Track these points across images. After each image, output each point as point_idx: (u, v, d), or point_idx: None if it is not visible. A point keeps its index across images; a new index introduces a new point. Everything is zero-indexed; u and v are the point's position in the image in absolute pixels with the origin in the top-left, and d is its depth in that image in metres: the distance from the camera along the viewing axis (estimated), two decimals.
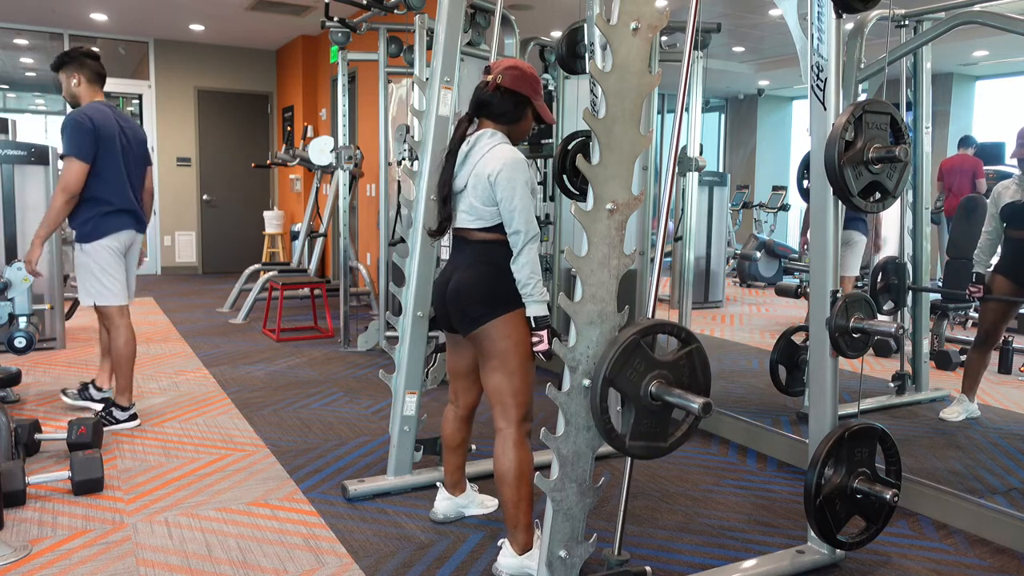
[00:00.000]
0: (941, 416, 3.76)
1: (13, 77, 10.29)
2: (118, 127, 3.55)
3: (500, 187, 2.18)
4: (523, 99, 2.29)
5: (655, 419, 1.96)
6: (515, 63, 2.32)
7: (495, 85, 2.26)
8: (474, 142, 2.29)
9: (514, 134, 2.34)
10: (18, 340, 3.57)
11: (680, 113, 2.26)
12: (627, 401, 1.94)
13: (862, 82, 3.73)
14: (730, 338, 5.96)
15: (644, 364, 1.93)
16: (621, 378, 1.90)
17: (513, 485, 2.22)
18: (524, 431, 2.26)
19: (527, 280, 2.17)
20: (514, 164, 2.19)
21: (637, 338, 1.91)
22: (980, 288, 3.62)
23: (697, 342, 1.99)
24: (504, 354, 2.23)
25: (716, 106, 9.16)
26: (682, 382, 1.97)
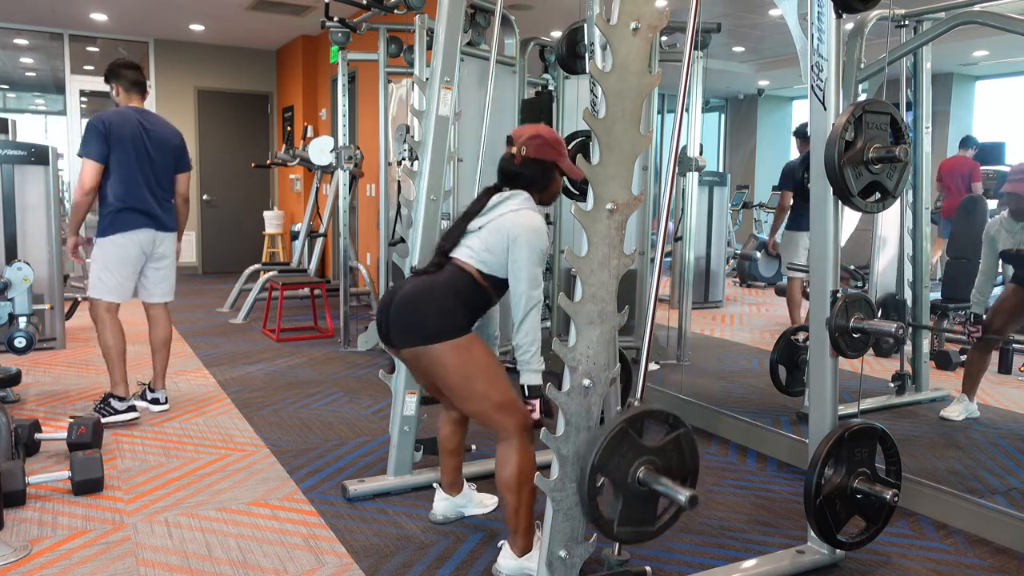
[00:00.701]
0: (941, 415, 3.76)
1: (13, 77, 10.29)
2: (140, 131, 3.68)
3: (517, 248, 2.20)
4: (550, 165, 2.32)
5: (643, 505, 1.96)
6: (536, 131, 2.32)
7: (520, 157, 2.29)
8: (508, 196, 2.30)
9: (545, 198, 2.38)
10: (18, 340, 3.57)
11: (680, 113, 2.26)
12: (616, 487, 1.93)
13: (862, 82, 3.73)
14: (730, 338, 5.96)
15: (632, 451, 1.92)
16: (610, 465, 1.90)
17: (516, 491, 2.21)
18: (526, 437, 2.25)
19: (528, 347, 2.19)
20: (536, 233, 2.22)
21: (625, 426, 1.90)
22: (979, 329, 3.62)
23: (685, 427, 1.99)
24: (467, 380, 2.22)
25: (716, 106, 9.15)
26: (670, 467, 1.96)
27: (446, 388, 2.29)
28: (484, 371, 2.22)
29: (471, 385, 2.22)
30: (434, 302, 2.22)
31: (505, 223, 2.24)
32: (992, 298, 3.75)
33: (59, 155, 5.94)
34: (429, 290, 2.25)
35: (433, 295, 2.23)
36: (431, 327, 2.20)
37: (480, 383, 2.22)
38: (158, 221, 3.75)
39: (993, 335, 3.62)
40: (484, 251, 2.27)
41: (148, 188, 3.69)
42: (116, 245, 3.64)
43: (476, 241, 2.29)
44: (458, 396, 2.29)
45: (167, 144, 3.79)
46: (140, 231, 3.68)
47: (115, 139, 3.60)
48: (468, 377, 2.21)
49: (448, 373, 2.22)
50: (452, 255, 2.32)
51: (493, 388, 2.22)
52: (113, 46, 9.30)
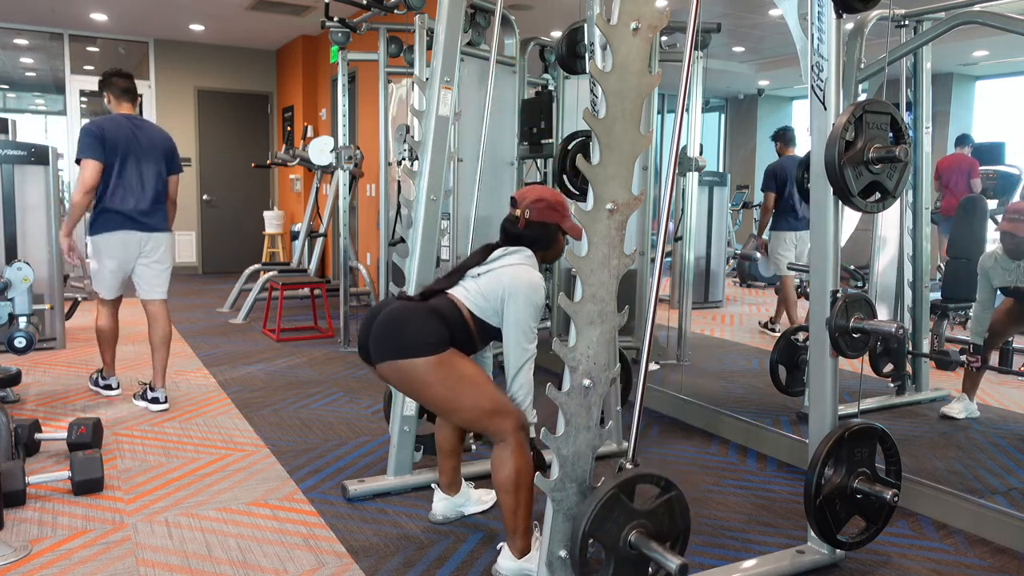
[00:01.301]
0: (943, 412, 3.77)
1: (13, 77, 10.29)
2: (130, 136, 3.86)
3: (514, 301, 2.23)
4: (552, 227, 2.35)
5: (634, 568, 1.95)
6: (539, 195, 2.35)
7: (525, 221, 2.32)
8: (512, 251, 2.33)
9: (548, 257, 2.42)
10: (18, 340, 3.57)
11: (680, 113, 2.26)
12: (607, 551, 1.92)
13: (862, 82, 3.73)
14: (730, 338, 5.96)
15: (623, 515, 1.91)
16: (602, 531, 1.89)
17: (513, 493, 2.21)
18: (521, 438, 2.24)
19: (521, 401, 2.22)
20: (533, 290, 2.24)
21: (617, 492, 1.89)
22: (978, 359, 3.62)
23: (676, 490, 1.99)
24: (452, 393, 2.22)
25: (716, 106, 9.15)
26: (662, 530, 1.96)
27: (432, 403, 2.30)
28: (468, 381, 2.22)
29: (458, 398, 2.22)
30: (417, 319, 2.23)
31: (504, 276, 2.27)
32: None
33: (59, 155, 5.93)
34: (414, 309, 2.26)
35: (418, 314, 2.25)
36: (409, 342, 2.20)
37: (467, 395, 2.22)
38: (143, 223, 3.88)
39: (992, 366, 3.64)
40: (479, 295, 2.29)
41: (136, 191, 3.86)
42: (97, 243, 3.84)
43: (473, 284, 2.32)
44: (446, 410, 2.31)
45: (156, 148, 3.93)
46: (123, 232, 3.84)
47: (109, 143, 3.78)
48: (453, 390, 2.21)
49: (431, 388, 2.22)
50: (448, 292, 2.34)
51: (481, 396, 2.22)
52: (113, 46, 9.30)
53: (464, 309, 2.30)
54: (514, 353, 2.23)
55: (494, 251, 2.37)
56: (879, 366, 3.95)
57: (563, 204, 2.38)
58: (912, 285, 4.05)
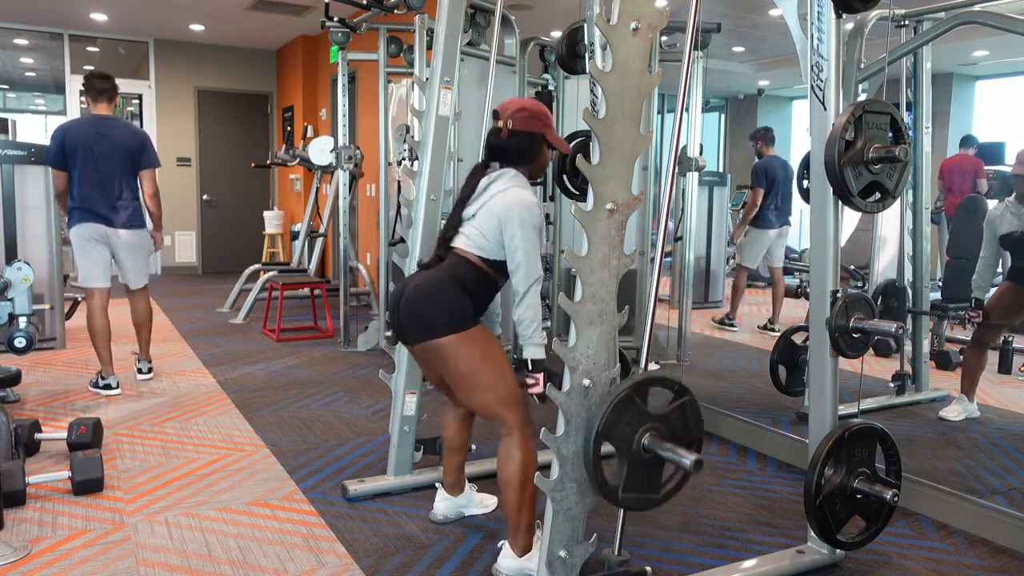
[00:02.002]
0: (940, 415, 3.76)
1: (13, 77, 10.29)
2: (93, 137, 4.07)
3: (510, 226, 2.20)
4: (537, 137, 2.32)
5: (647, 471, 1.96)
6: (521, 104, 2.33)
7: (508, 131, 2.29)
8: (495, 177, 2.31)
9: (534, 171, 2.37)
10: (18, 340, 3.57)
11: (680, 113, 2.26)
12: (620, 454, 1.94)
13: (862, 82, 3.73)
14: (730, 338, 5.96)
15: (637, 418, 1.92)
16: (614, 432, 1.90)
17: (517, 489, 2.21)
18: (528, 433, 2.25)
19: (529, 322, 2.18)
20: (527, 208, 2.21)
21: (630, 393, 1.90)
22: (979, 314, 3.61)
23: (690, 394, 1.99)
24: (473, 372, 2.22)
25: (716, 106, 9.14)
26: (675, 434, 1.96)
27: (453, 378, 2.29)
28: (492, 363, 2.23)
29: (477, 376, 2.23)
30: (441, 296, 2.23)
31: (495, 205, 2.24)
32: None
33: None
34: (435, 284, 2.25)
35: (440, 289, 2.24)
36: (440, 321, 2.21)
37: (487, 375, 2.22)
38: (107, 218, 4.11)
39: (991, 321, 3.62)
40: (479, 237, 2.27)
41: (98, 189, 4.08)
42: (73, 239, 4.12)
43: (471, 229, 2.29)
44: (464, 387, 2.28)
45: (120, 147, 4.12)
46: (89, 225, 4.09)
47: (70, 146, 4.03)
48: (475, 368, 2.22)
49: (457, 363, 2.22)
50: (453, 245, 2.32)
51: (499, 381, 2.23)
52: (113, 46, 9.30)
53: (473, 258, 2.27)
54: (520, 277, 2.19)
55: (481, 178, 2.33)
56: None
57: (546, 115, 2.35)
58: (912, 285, 4.05)
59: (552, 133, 2.35)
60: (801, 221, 8.11)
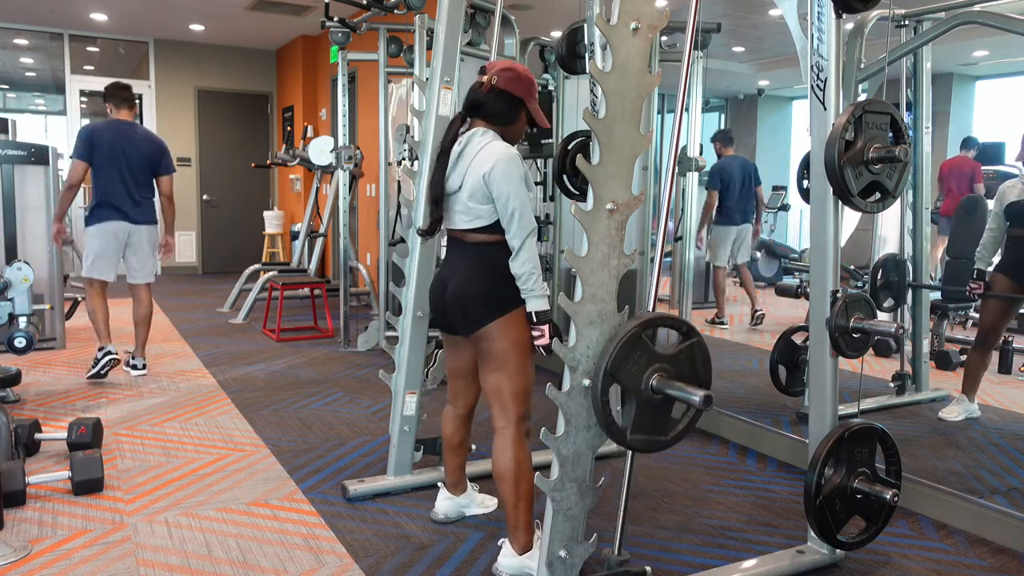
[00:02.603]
0: (940, 416, 3.76)
1: (13, 77, 10.29)
2: (119, 141, 4.38)
3: (495, 183, 2.17)
4: (517, 100, 2.28)
5: (656, 412, 1.97)
6: (510, 65, 2.31)
7: (489, 86, 2.25)
8: (466, 141, 2.27)
9: (507, 135, 2.31)
10: (18, 340, 3.57)
11: (680, 113, 2.26)
12: (628, 394, 1.94)
13: (862, 82, 3.73)
14: (730, 338, 5.96)
15: (645, 357, 1.93)
16: (623, 372, 1.90)
17: (512, 484, 2.22)
18: (523, 430, 2.26)
19: (527, 275, 2.16)
20: (508, 159, 2.18)
21: (639, 331, 1.91)
22: (980, 285, 3.61)
23: (698, 336, 2.00)
24: (504, 355, 2.23)
25: (716, 106, 9.14)
26: (683, 375, 1.97)
27: (485, 355, 2.27)
28: (522, 352, 2.23)
29: (507, 359, 2.23)
30: (483, 288, 2.23)
31: (476, 169, 2.21)
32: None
33: (59, 155, 5.94)
34: (474, 279, 2.25)
35: (479, 281, 2.24)
36: (485, 312, 2.22)
37: (513, 362, 2.23)
38: (128, 215, 4.41)
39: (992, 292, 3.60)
40: (474, 207, 2.23)
41: (122, 186, 4.38)
42: (94, 234, 4.37)
43: (461, 203, 2.26)
44: (491, 366, 2.27)
45: (142, 150, 4.45)
46: (112, 223, 4.37)
47: (97, 144, 4.32)
48: (508, 350, 2.22)
49: (493, 344, 2.23)
50: (460, 229, 2.29)
51: (520, 372, 2.24)
52: (113, 46, 9.30)
53: (480, 236, 2.25)
54: (515, 230, 2.16)
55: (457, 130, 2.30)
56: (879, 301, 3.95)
57: (531, 81, 2.31)
58: (912, 261, 4.04)
59: (533, 102, 2.31)
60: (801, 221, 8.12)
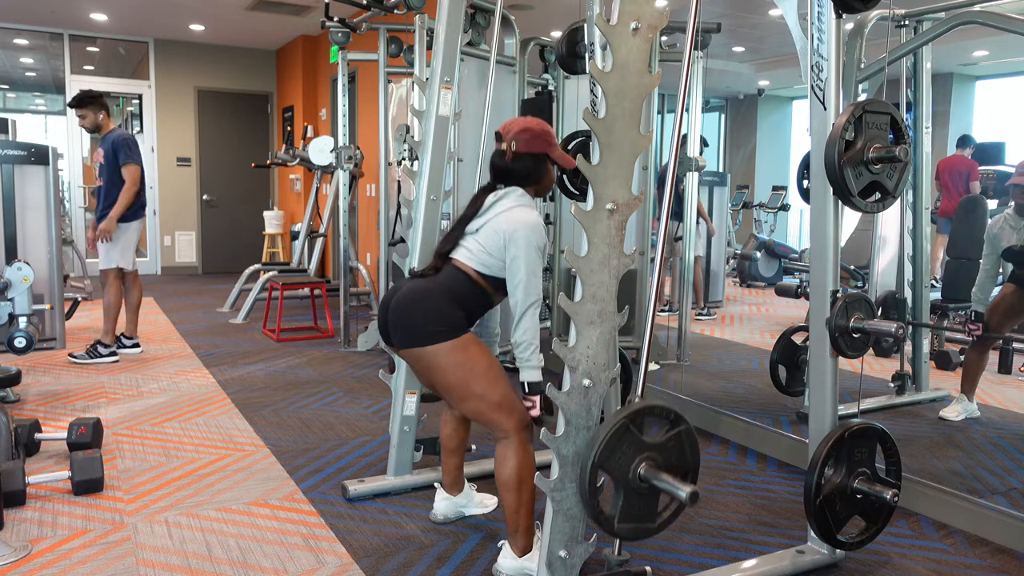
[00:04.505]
0: (940, 415, 3.76)
1: (13, 77, 10.29)
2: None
3: (514, 245, 2.20)
4: (541, 156, 2.32)
5: (644, 501, 1.96)
6: (524, 125, 2.32)
7: (512, 153, 2.29)
8: (502, 196, 2.31)
9: (540, 191, 2.39)
10: (18, 340, 3.58)
11: (680, 113, 2.26)
12: (617, 484, 1.93)
13: (862, 82, 3.73)
14: (730, 338, 5.96)
15: (633, 447, 1.92)
16: (611, 462, 1.90)
17: (515, 490, 2.21)
18: (525, 437, 2.25)
19: (527, 345, 2.18)
20: (532, 228, 2.22)
21: (626, 422, 1.90)
22: (979, 327, 3.61)
23: (686, 423, 1.99)
24: (464, 381, 2.22)
25: (716, 106, 9.14)
26: (671, 463, 1.96)
27: (443, 388, 2.29)
28: (482, 371, 2.22)
29: (468, 385, 2.22)
30: (431, 304, 2.23)
31: (501, 222, 2.24)
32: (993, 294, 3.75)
33: (59, 155, 5.94)
34: (427, 292, 2.25)
35: (431, 297, 2.24)
36: (428, 329, 2.21)
37: (477, 383, 2.22)
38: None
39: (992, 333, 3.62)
40: (482, 252, 2.27)
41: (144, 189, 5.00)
42: (136, 229, 4.94)
43: (474, 243, 2.30)
44: (455, 396, 2.29)
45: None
46: (143, 219, 5.03)
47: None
48: (465, 378, 2.22)
49: (445, 374, 2.23)
50: (451, 256, 2.33)
51: (490, 388, 2.22)
52: (113, 46, 9.30)
53: (471, 272, 2.27)
54: (520, 298, 2.19)
55: (487, 197, 2.33)
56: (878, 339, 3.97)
57: (549, 133, 2.34)
58: (912, 285, 4.05)
59: (556, 150, 2.35)
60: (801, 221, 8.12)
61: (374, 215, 6.88)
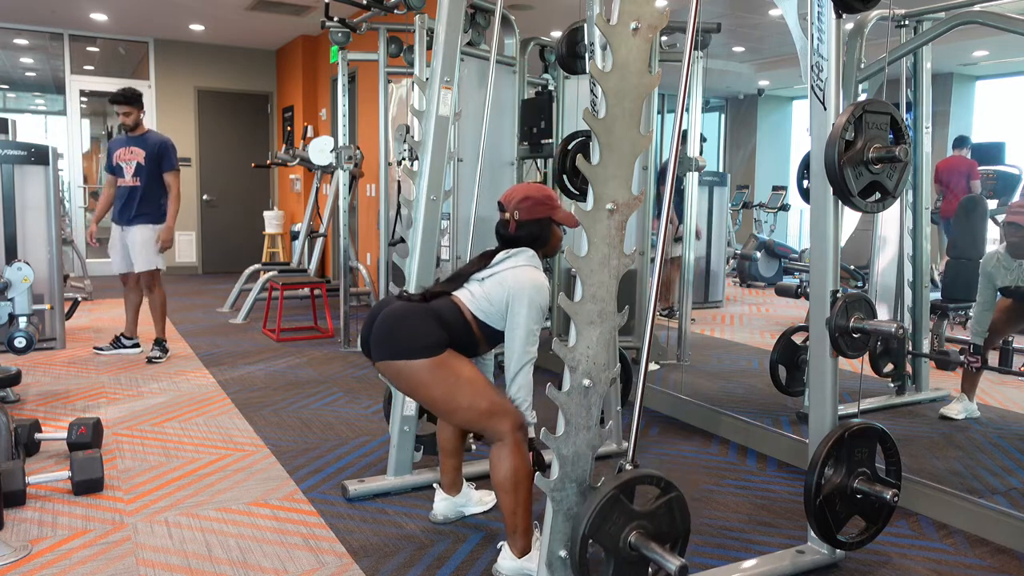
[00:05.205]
0: (942, 412, 3.76)
1: (13, 77, 10.28)
2: None
3: (518, 302, 2.22)
4: (545, 221, 2.35)
5: (634, 569, 1.94)
6: (524, 193, 2.35)
7: (515, 223, 2.33)
8: (515, 253, 2.33)
9: (549, 251, 2.42)
10: (18, 340, 3.58)
11: (680, 113, 2.26)
12: (607, 552, 1.92)
13: (862, 82, 3.73)
14: (730, 338, 5.96)
15: (623, 517, 1.91)
16: (601, 532, 1.89)
17: (511, 492, 2.21)
18: (519, 438, 2.24)
19: (521, 402, 2.22)
20: (539, 289, 2.24)
21: (617, 493, 1.89)
22: (979, 359, 3.62)
23: (676, 491, 1.98)
24: (449, 394, 2.22)
25: (716, 106, 9.14)
26: (661, 531, 1.95)
27: (429, 403, 2.31)
28: (465, 383, 2.23)
29: (454, 399, 2.23)
30: (416, 321, 2.24)
31: (508, 279, 2.27)
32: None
33: (59, 155, 5.94)
34: (413, 311, 2.27)
35: (416, 315, 2.25)
36: (410, 344, 2.21)
37: (463, 395, 2.22)
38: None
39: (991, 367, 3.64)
40: (484, 299, 2.29)
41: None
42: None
43: (477, 288, 2.32)
44: (444, 411, 2.32)
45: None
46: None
47: None
48: (450, 391, 2.22)
49: (429, 388, 2.23)
50: (452, 294, 2.35)
51: (477, 398, 2.22)
52: (113, 46, 9.30)
53: (467, 312, 2.30)
54: (516, 354, 2.23)
55: (495, 256, 2.36)
56: (879, 366, 3.95)
57: (550, 196, 2.37)
58: (912, 285, 4.05)
59: (559, 212, 2.37)
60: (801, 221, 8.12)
61: (374, 215, 6.88)
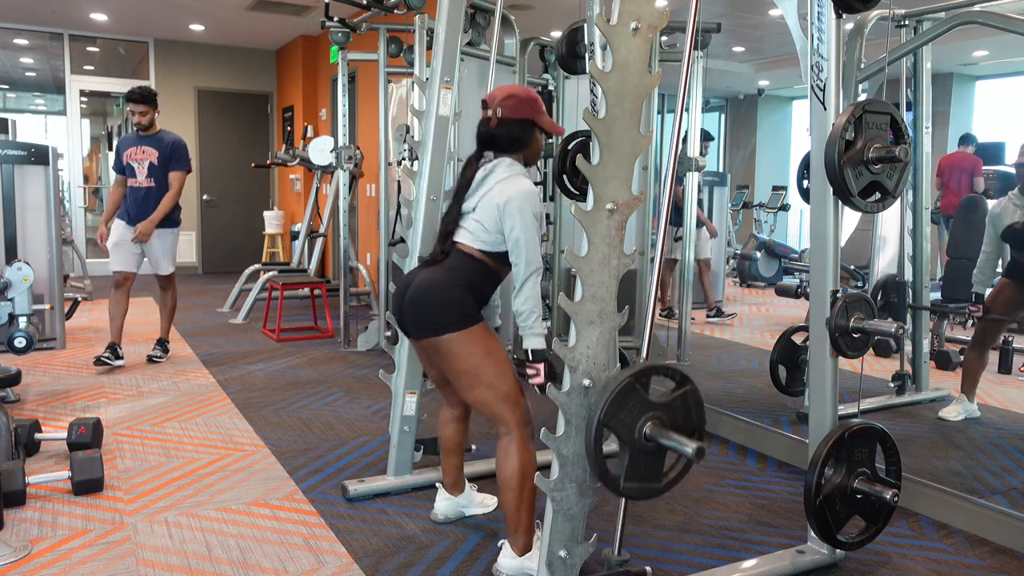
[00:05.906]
0: (940, 415, 3.76)
1: (13, 77, 10.29)
2: None
3: (509, 216, 2.20)
4: (527, 123, 2.31)
5: (649, 460, 1.96)
6: (509, 91, 2.32)
7: (496, 119, 2.28)
8: (492, 168, 2.30)
9: (528, 157, 2.37)
10: (18, 340, 3.58)
11: (680, 113, 2.26)
12: (622, 443, 1.93)
13: (862, 82, 3.73)
14: (730, 338, 5.96)
15: (639, 406, 1.92)
16: (616, 421, 1.90)
17: (516, 489, 2.21)
18: (527, 433, 2.25)
19: (528, 313, 2.19)
20: (526, 196, 2.21)
21: (632, 381, 1.90)
22: (980, 308, 3.61)
23: (691, 383, 1.99)
24: (474, 369, 2.23)
25: (716, 106, 9.15)
26: (676, 423, 1.97)
27: (455, 374, 2.29)
28: (494, 360, 2.23)
29: (479, 373, 2.23)
30: (446, 294, 2.23)
31: (494, 196, 2.24)
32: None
33: (59, 155, 5.93)
34: (439, 282, 2.26)
35: (442, 287, 2.25)
36: (442, 319, 2.22)
37: (488, 371, 2.23)
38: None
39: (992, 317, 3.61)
40: (482, 231, 2.27)
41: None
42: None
43: (472, 223, 2.29)
44: (465, 383, 2.29)
45: None
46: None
47: None
48: (477, 365, 2.22)
49: (458, 360, 2.23)
50: (455, 240, 2.32)
51: (500, 378, 2.23)
52: (113, 46, 9.30)
53: (475, 253, 2.28)
54: (521, 265, 2.19)
55: (477, 170, 2.32)
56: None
57: (536, 99, 2.33)
58: (912, 285, 4.05)
59: (543, 117, 2.33)
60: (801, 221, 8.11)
61: (374, 215, 6.87)
